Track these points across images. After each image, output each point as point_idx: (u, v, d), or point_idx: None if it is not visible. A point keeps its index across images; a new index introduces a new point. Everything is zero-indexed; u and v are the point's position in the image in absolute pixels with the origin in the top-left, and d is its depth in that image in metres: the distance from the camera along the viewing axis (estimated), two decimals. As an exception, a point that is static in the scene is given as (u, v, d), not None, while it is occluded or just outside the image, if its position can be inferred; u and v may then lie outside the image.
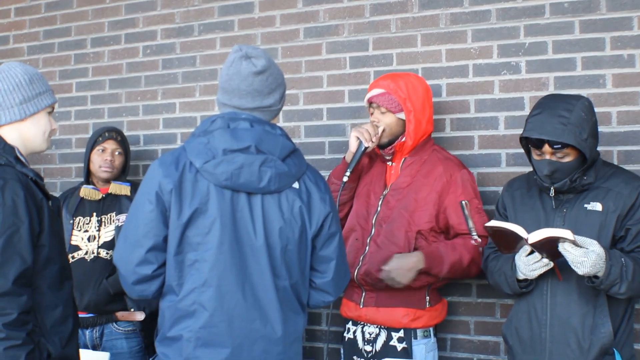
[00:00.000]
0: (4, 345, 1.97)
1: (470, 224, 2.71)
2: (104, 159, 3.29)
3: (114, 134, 3.36)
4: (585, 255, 2.25)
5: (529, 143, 2.49)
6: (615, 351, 2.39)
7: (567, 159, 2.42)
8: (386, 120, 2.80)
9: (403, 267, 2.66)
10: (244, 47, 2.11)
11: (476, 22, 3.14)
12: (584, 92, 2.91)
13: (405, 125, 2.80)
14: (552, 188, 2.46)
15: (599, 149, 2.82)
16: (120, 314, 3.22)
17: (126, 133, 3.74)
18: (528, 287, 2.48)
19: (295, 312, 2.10)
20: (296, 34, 3.49)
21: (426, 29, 3.23)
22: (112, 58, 3.88)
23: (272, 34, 3.53)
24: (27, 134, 2.24)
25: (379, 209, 2.81)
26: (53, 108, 2.32)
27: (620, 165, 2.84)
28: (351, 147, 2.79)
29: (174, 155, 2.07)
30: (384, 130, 2.80)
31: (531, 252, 2.40)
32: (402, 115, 2.79)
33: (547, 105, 2.45)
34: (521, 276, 2.44)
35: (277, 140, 2.07)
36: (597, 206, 2.43)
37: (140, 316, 3.21)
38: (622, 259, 2.30)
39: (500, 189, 2.92)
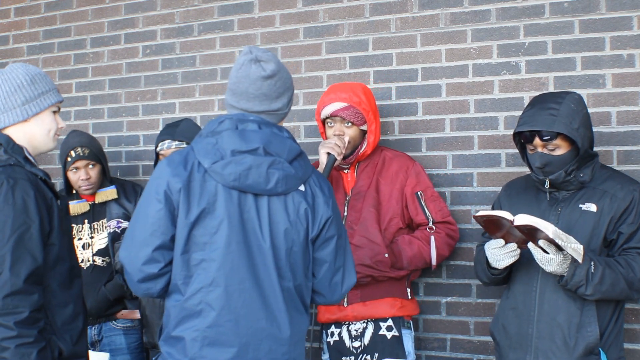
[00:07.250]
0: (16, 342, 1.99)
1: (427, 213, 2.84)
2: (79, 177, 3.25)
3: (80, 150, 3.24)
4: (554, 256, 2.31)
5: (522, 139, 2.53)
6: (601, 351, 2.40)
7: (558, 152, 2.46)
8: (350, 133, 2.87)
9: None
10: (255, 50, 2.11)
11: (476, 22, 3.14)
12: (583, 92, 2.91)
13: (367, 136, 2.88)
14: (547, 180, 2.48)
15: (599, 149, 2.84)
16: (119, 313, 3.26)
17: (126, 133, 3.74)
18: (500, 274, 2.54)
19: (299, 312, 2.10)
20: (296, 33, 3.48)
21: (426, 29, 3.23)
22: (111, 58, 3.88)
23: (271, 34, 3.53)
24: (32, 134, 2.26)
25: (345, 213, 2.87)
26: (59, 107, 2.32)
27: (620, 165, 2.85)
28: (322, 162, 2.82)
29: (182, 154, 2.07)
30: (348, 142, 2.86)
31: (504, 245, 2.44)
32: (364, 127, 2.87)
33: (537, 101, 2.53)
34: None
35: (284, 143, 2.08)
36: (591, 207, 2.46)
37: (139, 314, 3.23)
38: (592, 261, 2.33)
39: (499, 189, 2.92)
